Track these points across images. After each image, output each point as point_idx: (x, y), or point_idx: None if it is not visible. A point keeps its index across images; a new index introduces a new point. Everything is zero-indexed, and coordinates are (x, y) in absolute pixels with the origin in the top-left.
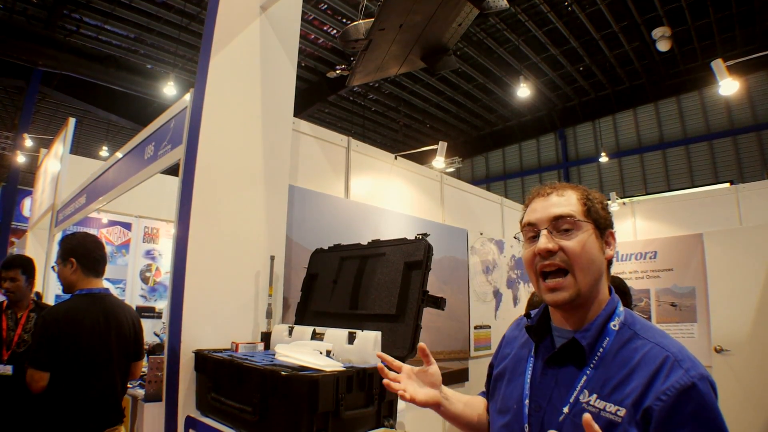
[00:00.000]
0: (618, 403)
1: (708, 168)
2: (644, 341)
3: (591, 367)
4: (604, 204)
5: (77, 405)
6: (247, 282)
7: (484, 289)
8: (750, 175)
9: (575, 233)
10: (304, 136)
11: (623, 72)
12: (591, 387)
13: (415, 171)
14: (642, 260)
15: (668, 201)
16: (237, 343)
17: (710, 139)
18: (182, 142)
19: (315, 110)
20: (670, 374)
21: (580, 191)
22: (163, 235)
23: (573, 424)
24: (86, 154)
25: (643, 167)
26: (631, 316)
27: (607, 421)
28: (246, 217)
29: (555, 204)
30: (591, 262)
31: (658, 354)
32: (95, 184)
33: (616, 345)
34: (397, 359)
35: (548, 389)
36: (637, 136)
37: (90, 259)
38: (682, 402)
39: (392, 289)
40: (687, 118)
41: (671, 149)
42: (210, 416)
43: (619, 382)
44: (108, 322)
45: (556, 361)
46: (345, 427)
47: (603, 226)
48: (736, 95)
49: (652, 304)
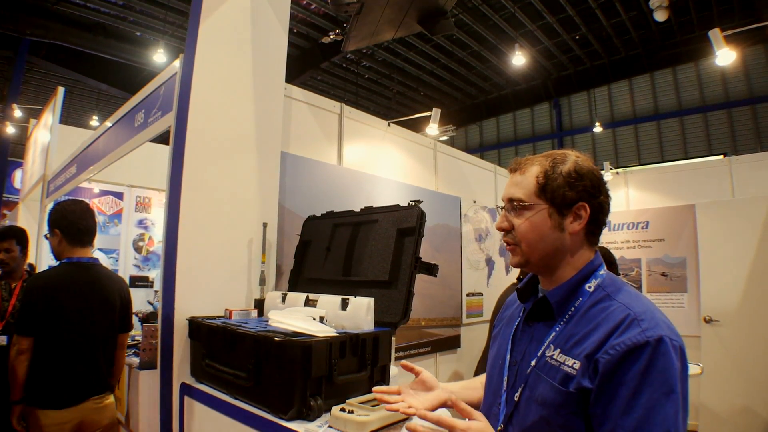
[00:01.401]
0: (575, 356)
1: (702, 140)
2: (613, 302)
3: (561, 324)
4: (572, 178)
5: (59, 372)
6: (239, 249)
7: (477, 257)
8: (744, 148)
9: (525, 213)
10: (296, 103)
11: (620, 41)
12: (557, 342)
13: (408, 138)
14: (634, 230)
15: (661, 172)
16: (230, 310)
17: (705, 111)
18: (172, 109)
19: (307, 78)
20: (626, 331)
21: (543, 166)
22: (155, 205)
23: (536, 376)
24: (76, 124)
25: (637, 138)
26: (611, 280)
27: (564, 374)
28: (238, 184)
29: (513, 183)
30: (539, 240)
31: (621, 312)
32: (85, 154)
33: (587, 304)
34: (390, 325)
35: (524, 344)
36: (632, 107)
37: (74, 230)
38: (630, 359)
39: (385, 255)
40: (682, 89)
41: (666, 120)
42: (205, 382)
43: (581, 338)
44: (92, 291)
45: (532, 318)
46: (338, 391)
47: (567, 201)
48: (732, 68)
49: (643, 274)
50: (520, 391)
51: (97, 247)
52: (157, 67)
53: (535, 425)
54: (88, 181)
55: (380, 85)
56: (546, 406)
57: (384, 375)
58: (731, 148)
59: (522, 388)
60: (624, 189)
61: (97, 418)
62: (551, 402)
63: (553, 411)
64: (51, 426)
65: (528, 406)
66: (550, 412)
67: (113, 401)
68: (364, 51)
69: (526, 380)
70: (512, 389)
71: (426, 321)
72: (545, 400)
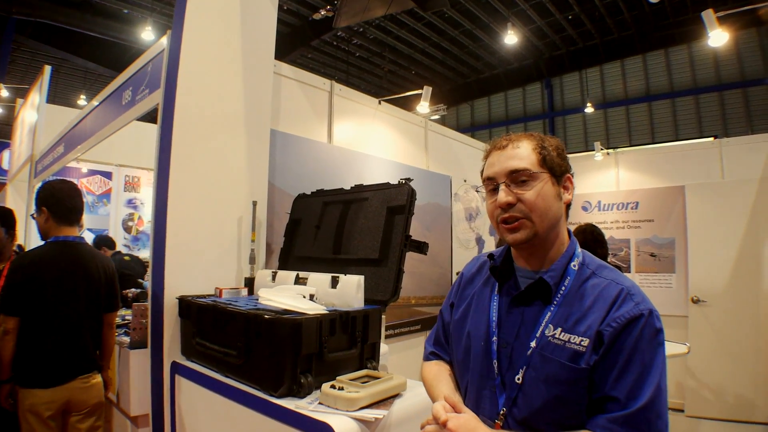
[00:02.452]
0: (581, 334)
1: (693, 122)
2: (602, 279)
3: (555, 304)
4: (560, 150)
5: (45, 351)
6: (229, 228)
7: (467, 236)
8: (734, 131)
9: (532, 184)
10: (285, 80)
11: (612, 22)
12: (555, 322)
13: (399, 116)
14: (624, 210)
15: (652, 153)
16: (221, 289)
17: (696, 93)
18: (160, 87)
19: (298, 56)
20: (622, 305)
21: (535, 140)
22: (144, 184)
23: (541, 356)
24: (64, 104)
25: (628, 119)
26: (588, 256)
27: (572, 352)
28: (227, 162)
29: (511, 157)
30: (548, 209)
31: (614, 288)
32: (73, 133)
33: (576, 283)
34: (380, 303)
35: (515, 326)
36: (624, 88)
37: (61, 208)
38: (628, 330)
39: (375, 233)
40: (674, 71)
41: (657, 102)
42: (195, 361)
43: (581, 316)
44: (76, 269)
45: (522, 300)
46: (329, 368)
47: (559, 172)
48: (725, 51)
49: (632, 254)
50: (523, 373)
51: (86, 228)
52: (145, 45)
53: (548, 405)
54: (76, 161)
55: (371, 63)
56: (559, 385)
57: (374, 352)
58: (722, 130)
59: (524, 369)
60: (614, 169)
61: (84, 397)
62: (565, 380)
63: (567, 388)
64: (38, 405)
65: (535, 387)
66: (564, 389)
67: (101, 381)
68: (355, 29)
69: (528, 362)
70: (510, 371)
71: (416, 299)
72: (558, 379)
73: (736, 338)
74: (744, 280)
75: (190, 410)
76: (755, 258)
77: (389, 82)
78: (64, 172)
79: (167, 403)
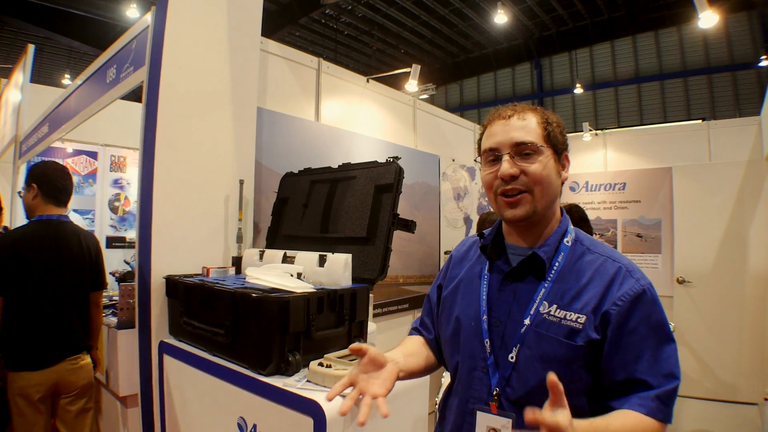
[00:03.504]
0: (578, 311)
1: (681, 105)
2: (596, 255)
3: (549, 280)
4: (562, 127)
5: (32, 333)
6: (216, 207)
7: (455, 216)
8: (722, 114)
9: (536, 157)
10: (272, 57)
11: (603, 3)
12: (550, 299)
13: (387, 95)
14: (611, 191)
15: (640, 134)
16: (208, 268)
17: (685, 76)
18: (145, 64)
19: (285, 34)
20: (624, 283)
21: (539, 114)
22: (130, 164)
23: (536, 334)
24: (48, 83)
25: (617, 101)
26: (581, 233)
27: (568, 329)
28: (213, 140)
29: (516, 128)
30: (550, 185)
31: (612, 266)
32: (57, 113)
33: (570, 260)
34: (368, 281)
35: (507, 304)
36: (613, 70)
37: (51, 186)
38: (635, 307)
39: (363, 212)
40: (664, 53)
41: (646, 84)
42: (183, 340)
43: (577, 293)
44: (61, 248)
45: (514, 276)
46: (317, 347)
47: (560, 149)
48: (715, 34)
49: (619, 235)
50: (516, 352)
51: (72, 209)
52: (130, 23)
53: (544, 383)
54: (61, 141)
55: (360, 41)
56: (554, 363)
57: (362, 330)
58: (710, 113)
59: (518, 348)
60: (602, 150)
61: (73, 379)
62: (561, 358)
63: (563, 366)
64: (27, 388)
65: (530, 366)
66: (560, 367)
67: (89, 362)
68: (344, 6)
69: (522, 340)
70: (502, 350)
71: (404, 278)
72: (554, 357)
73: (720, 319)
74: (729, 261)
75: (178, 389)
76: (741, 240)
77: (378, 60)
78: (49, 153)
79: (156, 382)
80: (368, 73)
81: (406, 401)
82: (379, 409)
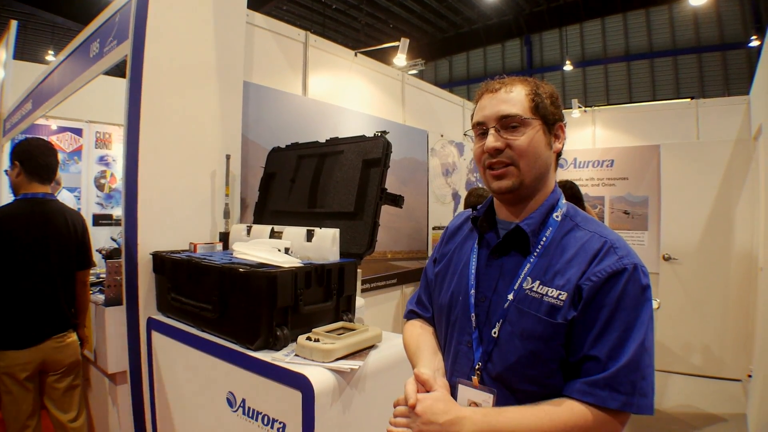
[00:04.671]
0: (560, 287)
1: (670, 83)
2: (585, 231)
3: (534, 255)
4: (554, 98)
5: (17, 312)
6: (202, 182)
7: (443, 192)
8: (711, 94)
9: (522, 130)
10: (258, 30)
11: None
12: (534, 274)
13: (375, 69)
14: (599, 168)
15: (628, 111)
16: (195, 244)
17: (675, 54)
18: (128, 37)
19: (272, 7)
20: (605, 258)
21: (529, 85)
22: (116, 141)
23: (517, 310)
24: (32, 60)
25: (606, 78)
26: (573, 209)
27: (549, 306)
28: (199, 114)
29: (503, 101)
30: (537, 157)
31: (597, 241)
32: (41, 89)
33: (558, 235)
34: (356, 256)
35: (493, 279)
36: (603, 47)
37: (33, 164)
38: (609, 285)
39: (350, 186)
40: (654, 32)
41: (636, 62)
42: (171, 316)
43: (560, 269)
44: (46, 227)
45: (501, 251)
46: (304, 321)
47: (551, 120)
48: (705, 14)
49: (606, 212)
50: (499, 327)
51: (63, 186)
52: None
53: (522, 360)
54: (45, 118)
55: (348, 16)
56: (534, 340)
57: (350, 305)
58: (699, 92)
59: (500, 323)
60: (591, 127)
61: (59, 357)
62: (540, 335)
63: (542, 344)
64: (13, 367)
65: (510, 342)
66: (539, 345)
67: (76, 339)
68: None
69: (504, 315)
70: (486, 326)
71: (392, 254)
72: (533, 334)
73: (705, 296)
74: (715, 239)
75: (167, 365)
76: (726, 218)
77: (366, 35)
78: (33, 130)
79: (144, 359)
80: (356, 48)
81: (395, 373)
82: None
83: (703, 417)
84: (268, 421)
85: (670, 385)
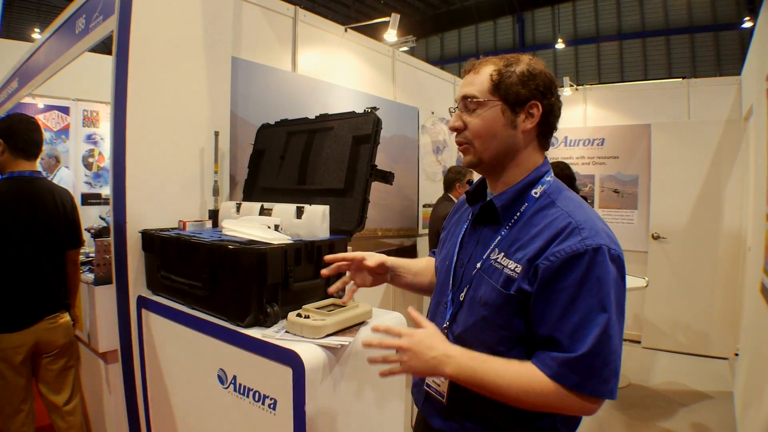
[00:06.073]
0: (518, 260)
1: (662, 63)
2: (558, 209)
3: (506, 228)
4: (526, 77)
5: (8, 294)
6: (191, 159)
7: (434, 169)
8: (703, 74)
9: (478, 111)
10: (246, 4)
11: None
12: (501, 246)
13: (366, 45)
14: (589, 146)
15: (620, 90)
16: (184, 222)
17: (668, 34)
18: (114, 12)
19: None
20: (567, 239)
21: (498, 65)
22: (103, 119)
23: (480, 278)
24: (18, 38)
25: (598, 57)
26: (557, 187)
27: (506, 277)
28: (187, 90)
29: (469, 83)
30: (492, 137)
31: (563, 220)
32: (27, 67)
33: (532, 210)
34: (346, 233)
35: (471, 247)
36: (596, 26)
37: (17, 140)
38: (568, 267)
39: (340, 163)
40: (647, 11)
41: (628, 41)
42: (161, 294)
43: (524, 243)
44: (35, 206)
45: (480, 221)
46: (294, 298)
47: (520, 99)
48: None
49: (596, 190)
50: (465, 292)
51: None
52: None
53: (478, 324)
54: (32, 97)
55: None
56: (488, 307)
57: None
58: (691, 72)
59: (467, 288)
60: (582, 106)
61: (52, 338)
62: (493, 303)
63: (494, 311)
64: (6, 350)
65: (471, 306)
66: (491, 312)
67: (69, 320)
68: None
69: (471, 281)
70: (458, 290)
71: (383, 231)
72: (487, 301)
73: (693, 275)
74: (704, 218)
75: (158, 343)
76: (716, 198)
77: (357, 11)
78: (20, 109)
79: (135, 337)
80: (347, 24)
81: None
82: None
83: (690, 394)
84: (260, 398)
85: (657, 362)
